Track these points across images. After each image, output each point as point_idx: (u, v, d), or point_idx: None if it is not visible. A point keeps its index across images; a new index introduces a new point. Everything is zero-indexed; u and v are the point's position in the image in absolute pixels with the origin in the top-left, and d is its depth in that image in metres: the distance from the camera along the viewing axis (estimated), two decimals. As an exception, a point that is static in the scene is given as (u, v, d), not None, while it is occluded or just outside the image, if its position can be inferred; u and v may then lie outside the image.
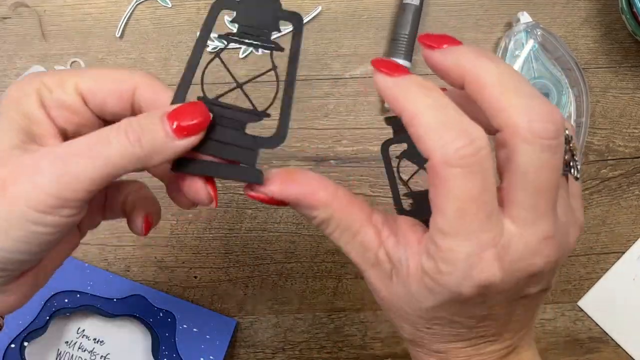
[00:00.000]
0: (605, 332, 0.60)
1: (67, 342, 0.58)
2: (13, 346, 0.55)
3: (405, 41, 0.58)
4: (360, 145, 0.60)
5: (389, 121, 0.38)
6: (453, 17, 0.60)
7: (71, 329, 0.59)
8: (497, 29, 0.60)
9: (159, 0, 0.59)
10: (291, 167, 0.59)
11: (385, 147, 0.45)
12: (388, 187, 0.60)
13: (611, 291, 0.60)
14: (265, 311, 0.60)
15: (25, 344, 0.56)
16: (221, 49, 0.37)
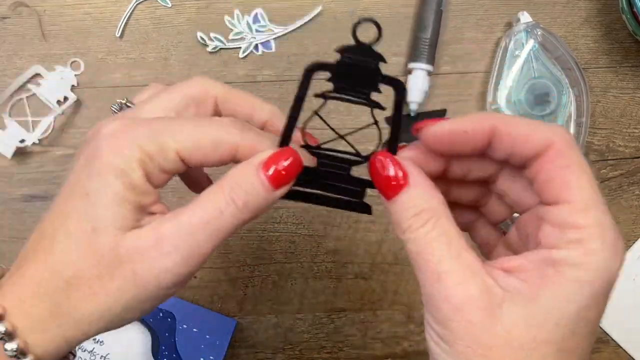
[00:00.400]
0: (606, 332, 0.60)
1: (67, 342, 0.58)
2: (13, 346, 0.55)
3: (426, 45, 0.58)
4: (360, 145, 0.59)
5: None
6: (453, 17, 0.60)
7: (71, 329, 0.58)
8: (497, 29, 0.60)
9: (158, 0, 0.59)
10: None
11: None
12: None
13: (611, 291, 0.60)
14: (265, 311, 0.60)
15: (25, 344, 0.56)
16: (321, 104, 0.38)
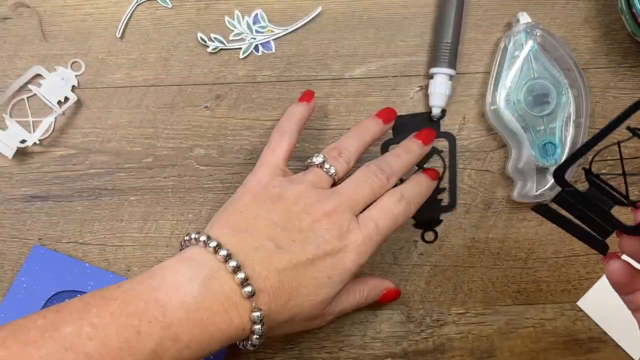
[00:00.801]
0: (605, 332, 0.60)
1: (68, 342, 0.58)
2: (13, 346, 0.56)
3: (448, 49, 0.58)
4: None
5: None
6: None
7: (71, 329, 0.59)
8: (496, 30, 0.60)
9: (159, 1, 0.60)
10: (290, 167, 0.59)
11: (385, 146, 0.48)
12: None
13: (611, 291, 0.60)
14: (266, 311, 0.60)
15: (26, 343, 0.56)
16: (627, 138, 0.41)
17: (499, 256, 0.60)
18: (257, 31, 0.59)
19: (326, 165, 0.51)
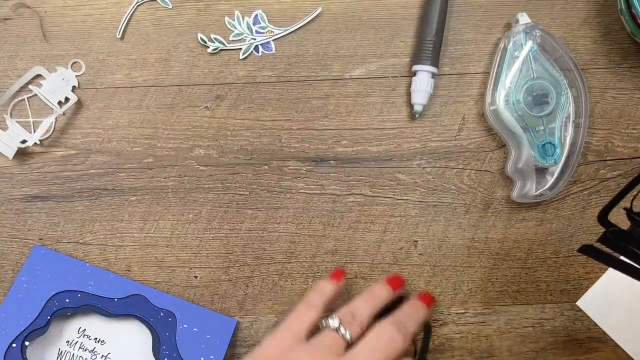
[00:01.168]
0: (604, 332, 0.60)
1: (68, 342, 0.58)
2: (14, 345, 0.56)
3: (431, 47, 0.58)
4: (360, 146, 0.60)
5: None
6: (452, 18, 0.60)
7: (72, 329, 0.59)
8: (496, 30, 0.60)
9: (159, 2, 0.60)
10: (291, 167, 0.59)
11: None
12: (387, 187, 0.60)
13: (610, 291, 0.60)
14: (265, 311, 0.60)
15: (27, 343, 0.56)
16: None
17: (498, 256, 0.60)
18: (257, 32, 0.60)
19: (342, 330, 0.52)
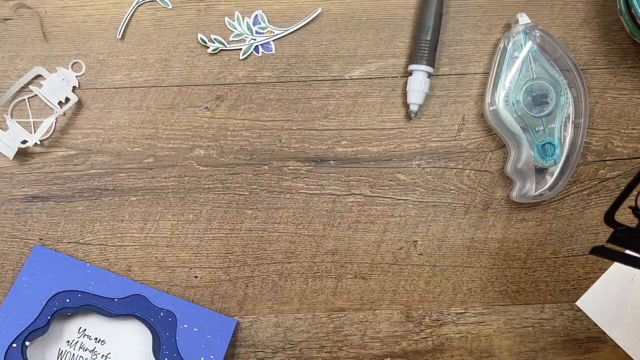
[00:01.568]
0: (604, 332, 0.60)
1: (69, 342, 0.59)
2: (15, 345, 0.56)
3: (427, 47, 0.58)
4: (360, 146, 0.60)
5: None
6: (452, 19, 0.60)
7: (72, 329, 0.59)
8: (495, 30, 0.60)
9: (159, 2, 0.60)
10: (290, 167, 0.59)
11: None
12: (387, 187, 0.60)
13: (610, 291, 0.60)
14: (265, 311, 0.60)
15: (27, 343, 0.56)
16: None
17: (498, 256, 0.60)
18: (257, 32, 0.60)
19: None
